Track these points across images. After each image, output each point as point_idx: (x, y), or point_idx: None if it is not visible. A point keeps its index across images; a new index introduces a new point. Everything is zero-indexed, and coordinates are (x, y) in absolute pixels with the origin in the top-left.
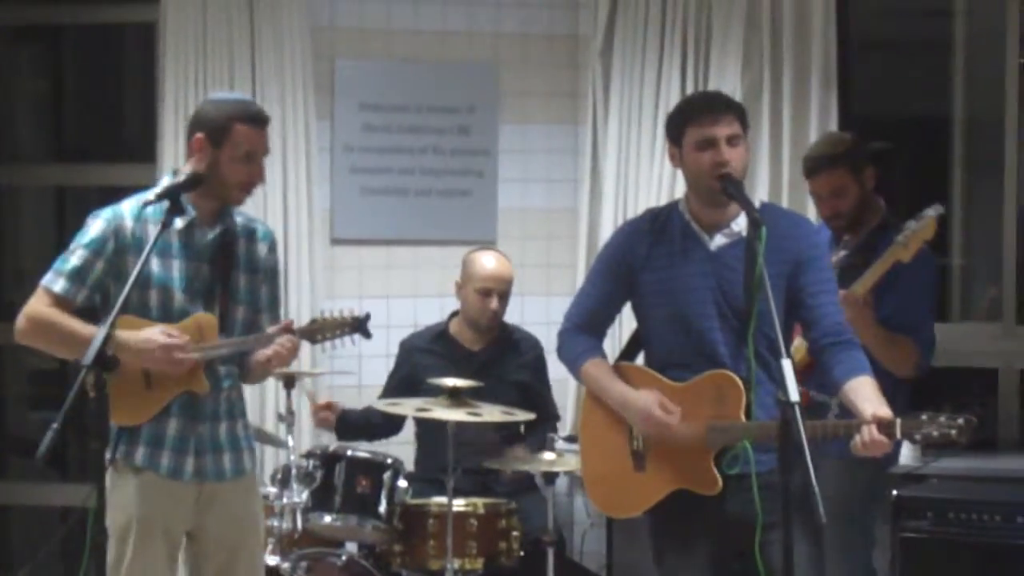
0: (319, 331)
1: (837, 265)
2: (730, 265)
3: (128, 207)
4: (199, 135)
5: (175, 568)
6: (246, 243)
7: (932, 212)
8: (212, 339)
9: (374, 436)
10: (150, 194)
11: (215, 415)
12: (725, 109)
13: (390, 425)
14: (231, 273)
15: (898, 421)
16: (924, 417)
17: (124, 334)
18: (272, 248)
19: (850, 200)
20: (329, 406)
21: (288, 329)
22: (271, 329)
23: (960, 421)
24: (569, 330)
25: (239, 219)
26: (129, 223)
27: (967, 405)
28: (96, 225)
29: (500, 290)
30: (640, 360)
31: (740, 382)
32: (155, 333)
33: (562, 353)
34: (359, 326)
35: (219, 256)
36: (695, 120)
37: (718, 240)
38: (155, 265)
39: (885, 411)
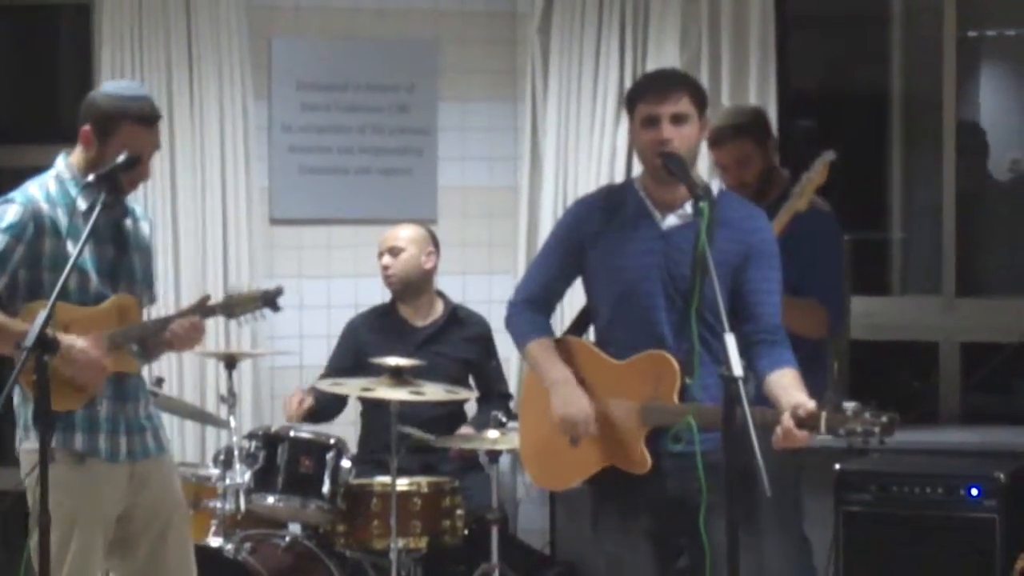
0: (235, 306)
1: None
2: (679, 246)
3: (36, 191)
4: (86, 127)
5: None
6: (132, 223)
7: (824, 158)
8: (134, 319)
9: (327, 416)
10: (62, 171)
11: (136, 395)
12: (673, 87)
13: (337, 406)
14: (127, 253)
15: (823, 415)
16: (849, 413)
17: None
18: (151, 226)
19: (754, 170)
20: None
21: (204, 303)
22: (181, 307)
23: (884, 419)
24: (518, 304)
25: None
26: (44, 206)
27: (907, 379)
28: (12, 210)
29: (387, 247)
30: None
31: (676, 364)
32: (87, 346)
33: (509, 326)
34: (268, 300)
35: (116, 238)
36: (642, 97)
37: (670, 220)
38: (70, 248)
39: (808, 404)
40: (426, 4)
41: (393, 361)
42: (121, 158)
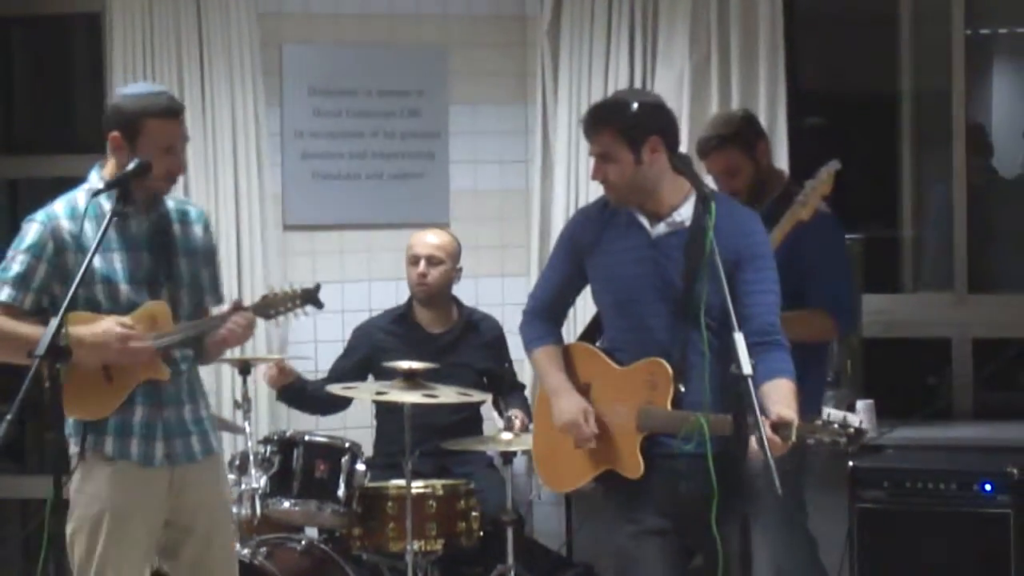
0: (271, 306)
1: None
2: (668, 254)
3: (61, 207)
4: (114, 134)
5: (151, 558)
6: (181, 226)
7: (829, 168)
8: (166, 326)
9: (321, 410)
10: (95, 185)
11: (178, 399)
12: (591, 127)
13: (335, 403)
14: (172, 259)
15: (794, 424)
16: (819, 422)
17: (80, 329)
18: (207, 228)
19: (744, 178)
20: (282, 370)
21: (238, 307)
22: (223, 309)
23: (851, 429)
24: (528, 313)
25: (171, 203)
26: (65, 223)
27: (920, 375)
28: (33, 229)
29: (425, 255)
30: None
31: (670, 371)
32: (110, 325)
33: (521, 334)
34: (310, 297)
35: (157, 243)
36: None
37: (660, 229)
38: (97, 260)
39: (788, 413)
40: (435, 9)
41: (406, 364)
42: (132, 165)
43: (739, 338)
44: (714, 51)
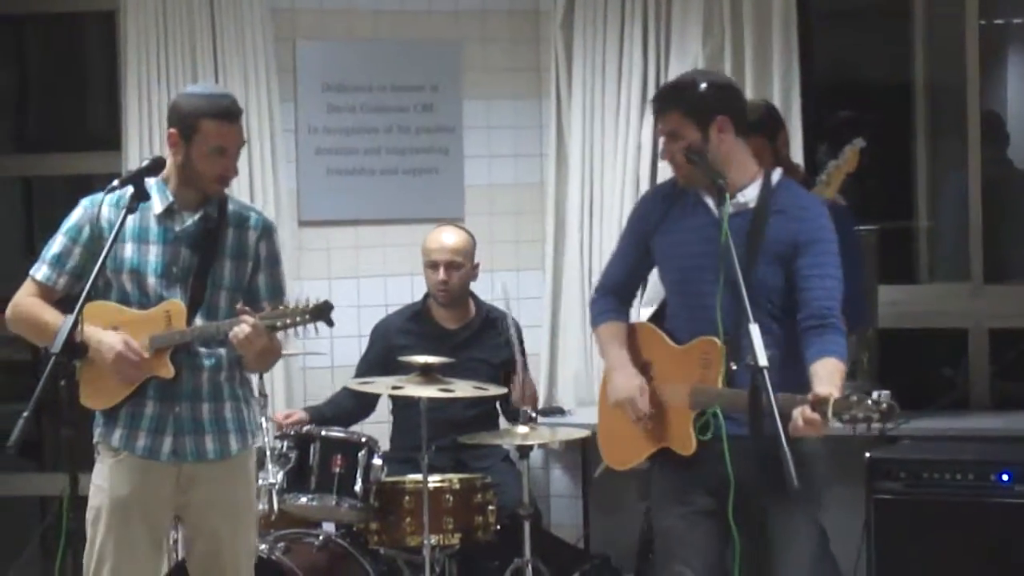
0: (278, 318)
1: None
2: (731, 235)
3: (110, 194)
4: (171, 130)
5: (161, 550)
6: (235, 230)
7: (853, 146)
8: (180, 326)
9: (350, 422)
10: (116, 180)
11: (195, 396)
12: (660, 107)
13: (362, 407)
14: (214, 259)
15: (831, 400)
16: (853, 398)
17: (89, 331)
18: (264, 236)
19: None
20: (295, 417)
21: (242, 314)
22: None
23: (884, 405)
24: (598, 291)
25: (232, 207)
26: (105, 210)
27: (937, 366)
28: (76, 212)
29: (445, 260)
30: None
31: (723, 349)
32: (114, 342)
33: (589, 311)
34: (320, 315)
35: (201, 241)
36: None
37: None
38: (129, 250)
39: (824, 389)
40: (448, 5)
41: (422, 359)
42: (145, 162)
43: (754, 329)
44: (727, 44)
